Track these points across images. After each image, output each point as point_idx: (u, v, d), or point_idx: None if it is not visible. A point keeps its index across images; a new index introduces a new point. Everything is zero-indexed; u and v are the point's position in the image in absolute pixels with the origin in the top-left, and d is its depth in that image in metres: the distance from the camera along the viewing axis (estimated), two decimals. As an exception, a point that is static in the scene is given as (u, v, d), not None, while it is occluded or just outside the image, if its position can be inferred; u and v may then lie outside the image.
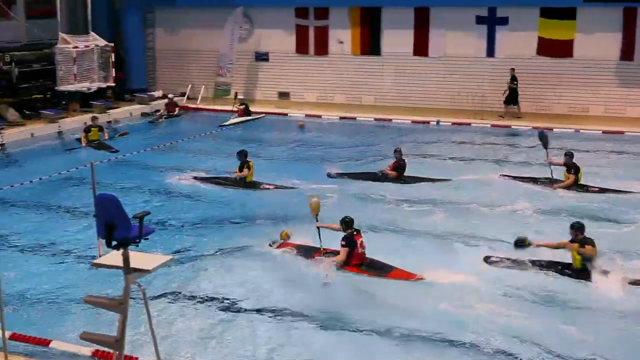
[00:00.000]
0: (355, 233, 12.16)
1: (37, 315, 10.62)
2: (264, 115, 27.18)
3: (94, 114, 24.51)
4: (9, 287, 11.04)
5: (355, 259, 12.00)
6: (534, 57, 26.40)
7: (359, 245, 12.06)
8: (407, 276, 11.55)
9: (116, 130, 24.68)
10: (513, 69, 26.08)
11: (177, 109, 27.88)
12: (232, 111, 27.09)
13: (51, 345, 9.19)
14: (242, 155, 17.49)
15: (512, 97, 26.11)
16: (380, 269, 11.86)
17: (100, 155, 20.88)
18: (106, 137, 22.68)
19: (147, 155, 20.87)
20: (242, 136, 24.72)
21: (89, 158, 18.51)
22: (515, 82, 26.09)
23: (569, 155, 16.76)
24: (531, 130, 23.68)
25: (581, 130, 23.86)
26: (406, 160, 18.02)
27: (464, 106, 27.22)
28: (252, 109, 27.22)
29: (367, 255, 12.11)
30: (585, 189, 16.50)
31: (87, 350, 8.94)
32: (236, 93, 28.54)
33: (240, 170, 17.37)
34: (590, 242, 11.64)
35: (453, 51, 27.31)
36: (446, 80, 27.50)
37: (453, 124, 25.29)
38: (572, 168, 16.62)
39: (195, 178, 18.16)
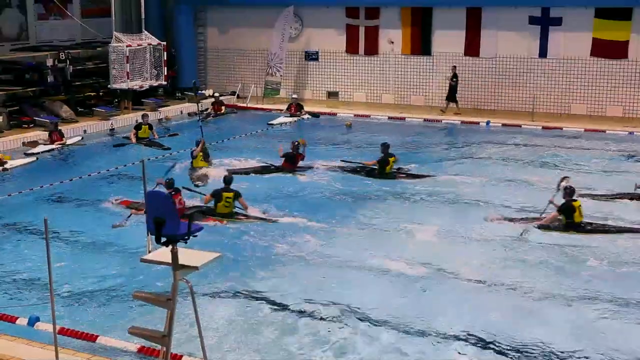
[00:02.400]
0: (174, 193, 14.32)
1: (87, 309, 10.77)
2: (308, 117, 27.13)
3: (145, 112, 24.82)
4: (60, 282, 11.23)
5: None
6: (587, 58, 25.97)
7: (177, 202, 14.13)
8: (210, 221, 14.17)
9: (168, 130, 24.95)
10: (455, 67, 26.64)
11: (223, 107, 28.03)
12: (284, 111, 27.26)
13: (97, 340, 9.27)
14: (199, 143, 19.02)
15: (451, 94, 26.74)
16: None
17: (150, 152, 21.14)
18: (155, 136, 22.89)
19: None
20: (289, 135, 24.73)
21: (139, 155, 18.89)
22: (454, 80, 26.50)
23: (385, 145, 18.57)
24: (581, 132, 23.52)
25: (635, 133, 23.45)
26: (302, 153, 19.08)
27: (514, 107, 26.93)
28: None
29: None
30: (393, 175, 18.42)
31: (133, 346, 9.02)
32: (217, 94, 28.98)
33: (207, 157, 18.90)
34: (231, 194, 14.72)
35: (505, 52, 26.99)
36: (497, 81, 27.19)
37: (503, 125, 25.03)
38: (385, 157, 18.44)
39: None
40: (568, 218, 14.00)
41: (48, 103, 25.33)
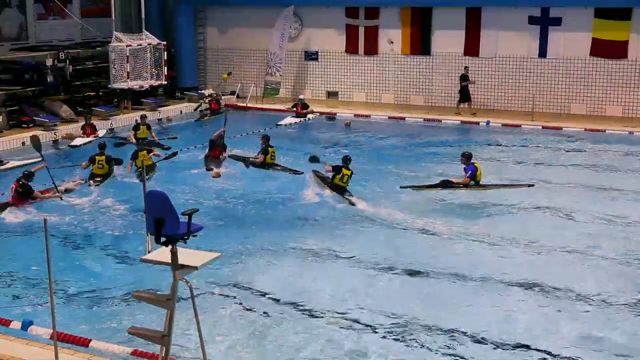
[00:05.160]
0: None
1: (86, 310, 10.76)
2: (315, 115, 27.11)
3: (143, 113, 24.73)
4: (60, 283, 11.23)
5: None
6: (587, 58, 25.98)
7: (13, 191, 15.80)
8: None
9: (166, 130, 24.96)
10: (466, 68, 26.52)
11: (219, 105, 27.95)
12: (290, 110, 27.19)
13: (91, 345, 9.07)
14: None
15: (464, 95, 26.50)
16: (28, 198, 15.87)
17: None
18: (154, 137, 22.76)
19: (196, 152, 21.08)
20: (290, 135, 24.73)
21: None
22: (466, 81, 26.29)
23: (265, 137, 19.45)
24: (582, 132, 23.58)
25: (635, 133, 23.45)
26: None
27: (514, 107, 26.93)
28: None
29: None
30: (274, 167, 19.12)
31: (127, 350, 8.92)
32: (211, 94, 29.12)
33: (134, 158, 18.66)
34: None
35: (505, 52, 26.99)
36: (497, 81, 27.17)
37: (503, 125, 25.03)
38: (265, 148, 19.07)
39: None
40: (334, 178, 16.54)
41: (48, 103, 25.31)
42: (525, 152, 21.63)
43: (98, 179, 17.61)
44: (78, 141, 22.53)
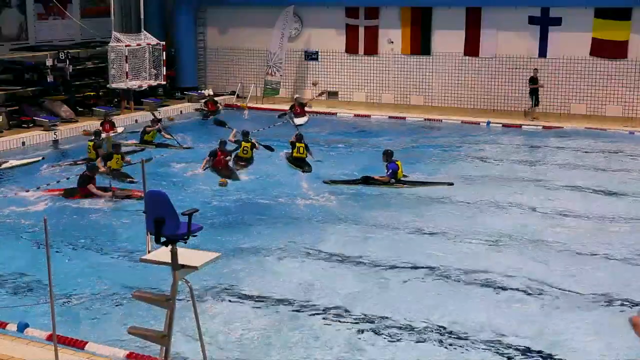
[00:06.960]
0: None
1: (86, 310, 10.75)
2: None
3: (154, 118, 23.97)
4: (59, 283, 11.20)
5: None
6: (587, 58, 25.98)
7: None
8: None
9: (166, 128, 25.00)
10: (536, 70, 25.93)
11: (216, 106, 27.86)
12: (291, 111, 27.10)
13: (86, 347, 8.98)
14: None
15: (535, 99, 25.94)
16: None
17: (155, 151, 21.13)
18: (165, 136, 22.59)
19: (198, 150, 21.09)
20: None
21: (142, 155, 18.90)
22: (535, 83, 25.81)
23: (244, 132, 20.12)
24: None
25: (636, 132, 23.47)
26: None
27: (514, 107, 26.92)
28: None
29: None
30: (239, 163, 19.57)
31: (123, 352, 8.88)
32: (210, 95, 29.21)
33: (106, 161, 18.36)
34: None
35: (505, 51, 26.99)
36: (497, 81, 27.17)
37: (503, 125, 25.02)
38: (239, 141, 19.93)
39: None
40: (292, 153, 18.92)
41: (48, 103, 25.29)
42: (526, 151, 21.66)
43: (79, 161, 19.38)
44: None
